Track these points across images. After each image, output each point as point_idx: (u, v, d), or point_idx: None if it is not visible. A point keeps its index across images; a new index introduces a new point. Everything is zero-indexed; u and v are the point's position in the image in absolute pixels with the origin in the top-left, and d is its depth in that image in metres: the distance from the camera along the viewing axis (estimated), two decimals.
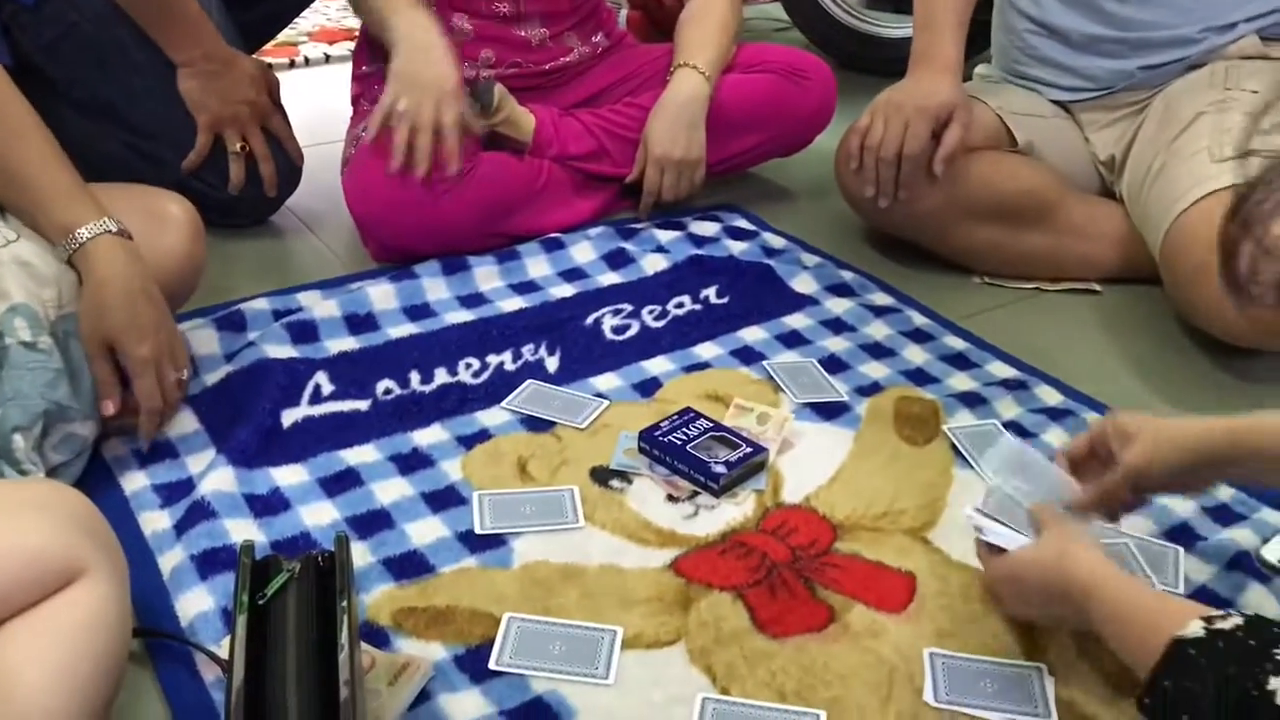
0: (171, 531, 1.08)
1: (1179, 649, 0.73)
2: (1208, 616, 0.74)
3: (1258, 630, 0.71)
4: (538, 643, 0.97)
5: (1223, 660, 0.69)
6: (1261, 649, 0.69)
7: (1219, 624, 0.73)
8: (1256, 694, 0.66)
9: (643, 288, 1.55)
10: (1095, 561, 0.87)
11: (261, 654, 0.79)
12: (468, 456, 1.21)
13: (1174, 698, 0.71)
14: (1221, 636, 0.72)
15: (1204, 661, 0.70)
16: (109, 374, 1.12)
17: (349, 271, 1.59)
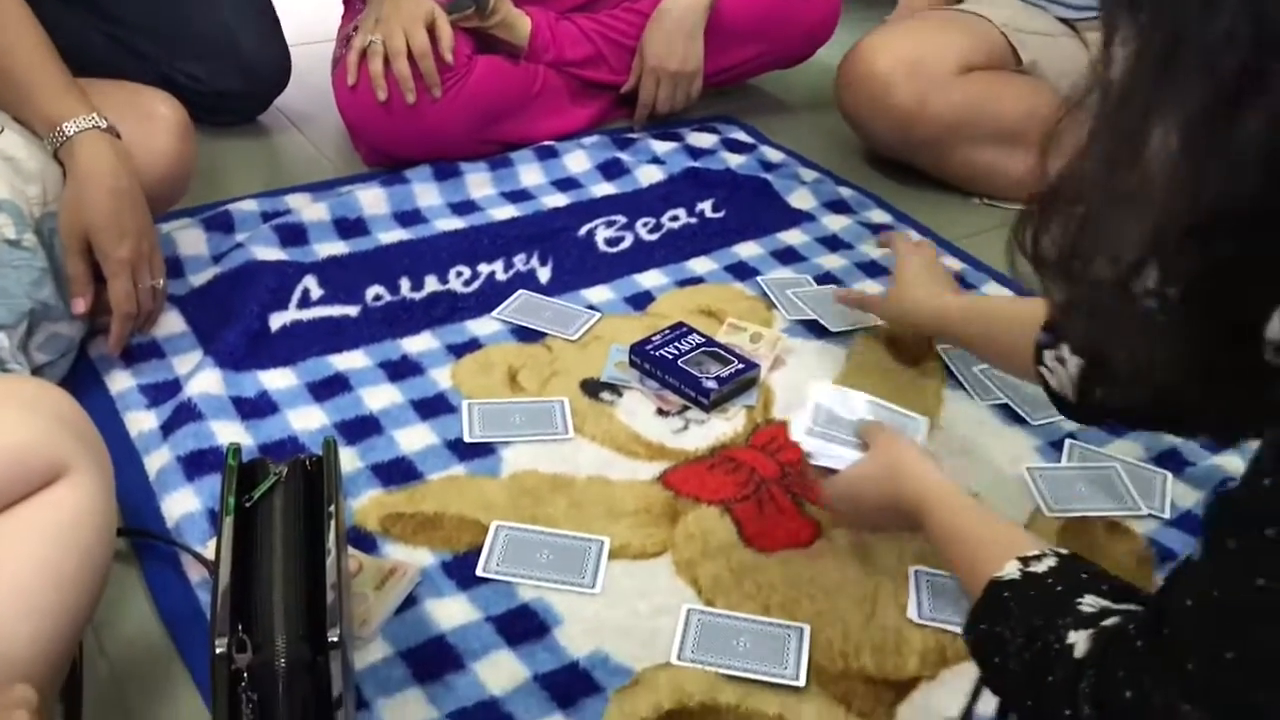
0: (158, 432, 1.08)
1: (995, 591, 0.73)
2: (1024, 557, 0.73)
3: (1067, 575, 0.71)
4: (525, 551, 0.98)
5: (1032, 609, 0.69)
6: (1067, 597, 0.69)
7: (1034, 566, 0.73)
8: (1057, 647, 0.65)
9: (637, 199, 1.53)
10: (924, 475, 0.88)
11: (248, 556, 0.79)
12: (457, 365, 1.20)
13: (988, 640, 0.71)
14: (1034, 581, 0.71)
15: (1014, 608, 0.70)
16: (83, 271, 1.10)
17: (339, 174, 1.56)
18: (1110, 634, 0.64)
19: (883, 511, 0.92)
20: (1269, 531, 0.53)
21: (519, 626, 0.91)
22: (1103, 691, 0.62)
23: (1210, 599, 0.56)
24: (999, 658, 0.70)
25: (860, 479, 0.94)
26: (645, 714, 0.85)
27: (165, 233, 1.32)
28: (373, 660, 0.87)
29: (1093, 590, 0.69)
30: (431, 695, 0.85)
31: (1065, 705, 0.63)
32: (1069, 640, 0.65)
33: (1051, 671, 0.65)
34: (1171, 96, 0.52)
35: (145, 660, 0.89)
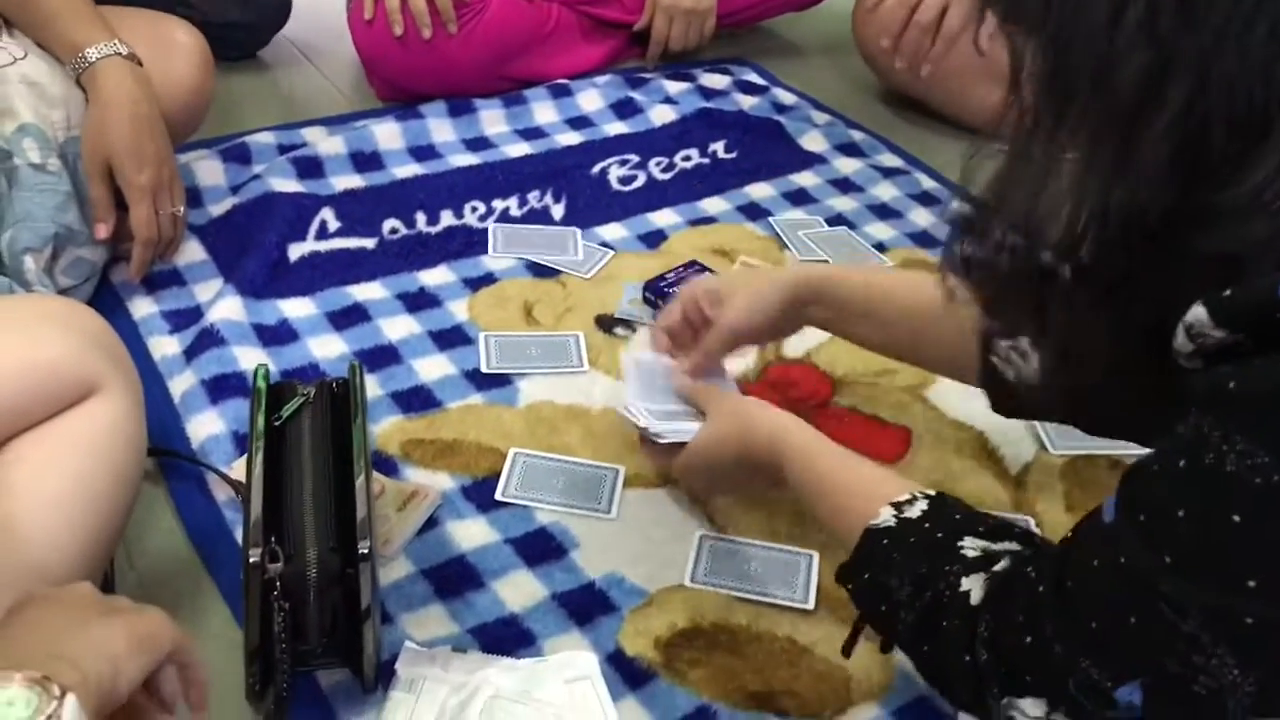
0: (181, 357, 1.10)
1: (872, 540, 0.72)
2: (896, 503, 0.73)
3: (942, 518, 0.71)
4: (542, 477, 1.00)
5: (915, 556, 0.70)
6: (948, 541, 0.69)
7: (907, 511, 0.72)
8: (949, 594, 0.66)
9: (650, 139, 1.54)
10: (777, 425, 0.85)
11: (278, 472, 0.81)
12: (474, 298, 1.22)
13: (872, 588, 0.72)
14: (910, 527, 0.72)
15: (897, 557, 0.70)
16: (106, 196, 1.12)
17: (353, 109, 1.57)
18: (1004, 578, 0.65)
19: (741, 470, 0.88)
20: (1179, 513, 0.54)
21: (537, 548, 0.94)
22: (1001, 635, 0.63)
23: (1117, 566, 0.56)
24: (885, 605, 0.71)
25: (712, 444, 0.89)
26: (659, 632, 0.87)
27: (183, 163, 1.33)
28: (396, 577, 0.90)
29: (970, 532, 0.70)
30: (453, 611, 0.88)
31: (963, 651, 0.65)
32: (962, 587, 0.66)
33: (946, 617, 0.66)
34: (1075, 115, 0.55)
35: (173, 575, 0.91)
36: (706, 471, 0.91)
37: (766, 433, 0.85)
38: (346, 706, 0.80)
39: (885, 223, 1.41)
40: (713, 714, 0.82)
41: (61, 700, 0.49)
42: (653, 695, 0.83)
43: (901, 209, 1.44)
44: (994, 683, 0.64)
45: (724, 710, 0.82)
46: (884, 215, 1.43)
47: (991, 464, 1.06)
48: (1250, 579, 0.52)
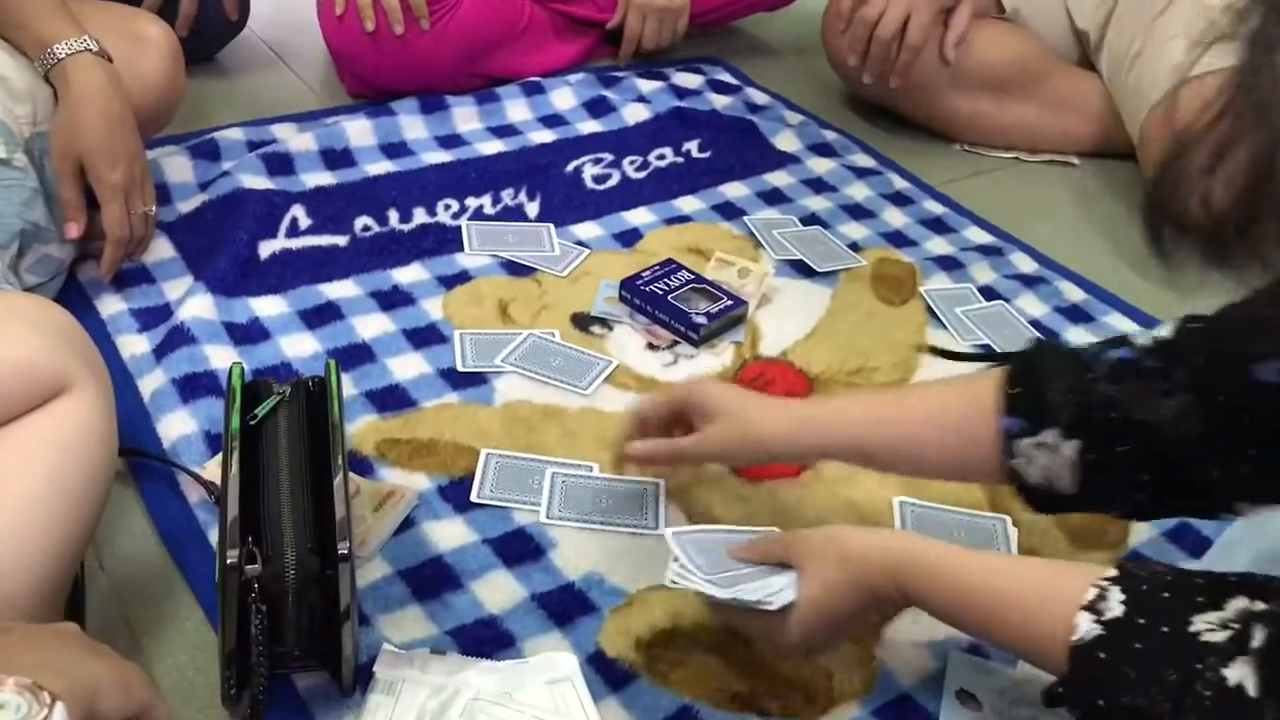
0: (150, 355, 1.08)
1: (1086, 659, 0.64)
2: (1088, 606, 0.65)
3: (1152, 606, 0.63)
4: (518, 477, 0.99)
5: (1153, 665, 0.61)
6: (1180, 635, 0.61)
7: (1106, 611, 0.64)
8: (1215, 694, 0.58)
9: (624, 137, 1.53)
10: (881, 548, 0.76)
11: (253, 474, 0.80)
12: (448, 296, 1.21)
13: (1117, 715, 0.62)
14: (1126, 632, 0.63)
15: (1131, 673, 0.62)
16: (76, 195, 1.10)
17: (323, 105, 1.55)
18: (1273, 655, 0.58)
19: (862, 613, 0.79)
20: None
21: (515, 549, 0.93)
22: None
23: None
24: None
25: (826, 595, 0.77)
26: (640, 633, 0.87)
27: (151, 159, 1.30)
28: (373, 579, 0.89)
29: (1192, 609, 0.62)
30: (431, 613, 0.87)
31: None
32: (1229, 681, 0.58)
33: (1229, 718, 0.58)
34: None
35: (146, 578, 0.90)
36: (828, 628, 0.79)
37: (878, 562, 0.76)
38: (324, 709, 0.79)
39: (858, 222, 1.42)
40: (695, 715, 0.82)
41: (52, 707, 0.48)
42: (634, 696, 0.82)
43: (874, 209, 1.45)
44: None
45: (706, 711, 0.82)
46: (857, 215, 1.43)
47: None
48: None
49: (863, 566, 0.76)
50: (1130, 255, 1.43)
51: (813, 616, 0.78)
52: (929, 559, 0.75)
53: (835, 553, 0.78)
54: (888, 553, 0.76)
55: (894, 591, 0.76)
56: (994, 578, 0.72)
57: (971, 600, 0.72)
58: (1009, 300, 1.29)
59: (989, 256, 1.37)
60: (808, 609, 0.78)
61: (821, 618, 0.78)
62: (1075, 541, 1.00)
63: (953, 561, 0.74)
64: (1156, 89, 1.43)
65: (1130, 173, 1.57)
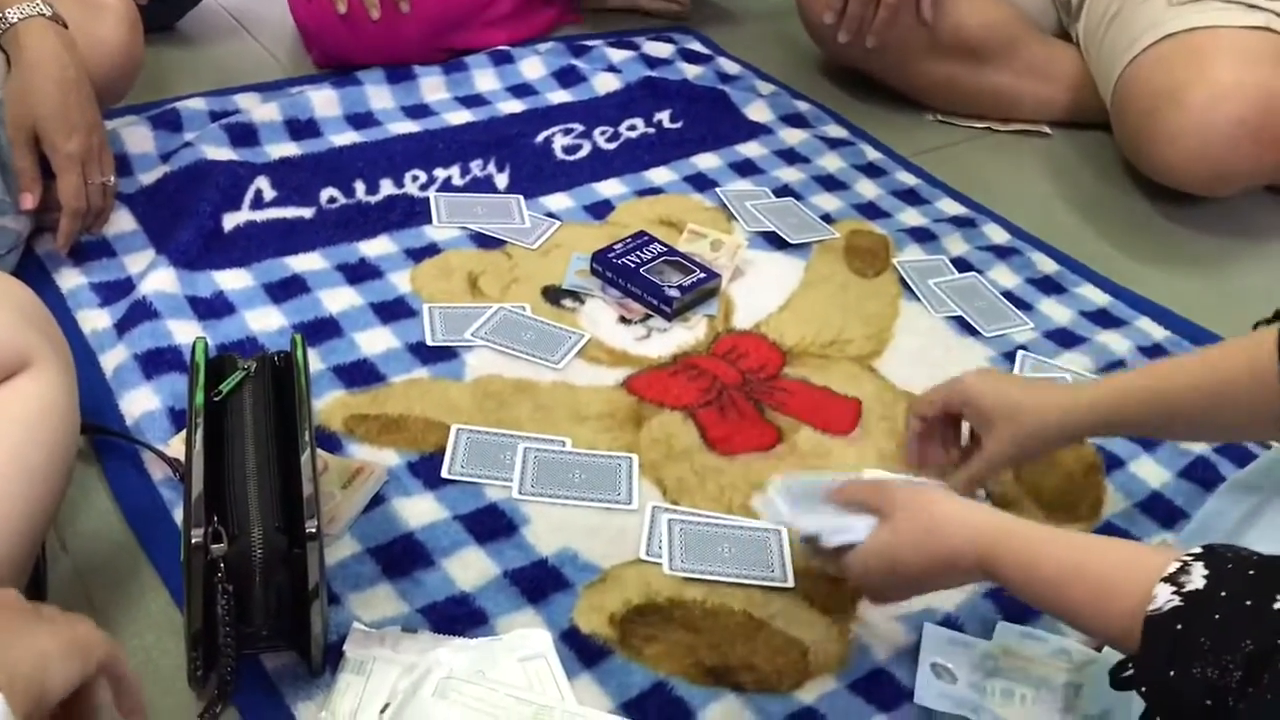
0: (112, 330, 1.05)
1: (1161, 629, 0.61)
2: (1170, 577, 0.62)
3: (1233, 581, 0.60)
4: (489, 453, 0.98)
5: (1230, 636, 0.58)
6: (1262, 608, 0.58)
7: (1187, 584, 0.61)
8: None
9: (594, 108, 1.51)
10: (971, 522, 0.75)
11: (218, 451, 0.78)
12: (416, 270, 1.19)
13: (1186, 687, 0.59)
14: (1204, 603, 0.60)
15: (1206, 642, 0.59)
16: (31, 165, 1.07)
17: (288, 75, 1.52)
18: None
19: (931, 575, 0.78)
20: None
21: (487, 525, 0.92)
22: None
23: None
24: (1211, 699, 0.58)
25: (894, 548, 0.78)
26: (614, 608, 0.86)
27: (111, 129, 1.28)
28: (342, 556, 0.87)
29: (1277, 587, 0.59)
30: (402, 590, 0.86)
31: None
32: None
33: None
34: None
35: (109, 557, 0.88)
36: (890, 576, 0.79)
37: (961, 534, 0.75)
38: (293, 690, 0.78)
39: (831, 194, 1.41)
40: (669, 690, 0.81)
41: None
42: (608, 672, 0.82)
43: (847, 180, 1.44)
44: None
45: (681, 686, 0.81)
46: (830, 186, 1.42)
47: None
48: None
49: (945, 537, 0.76)
50: (1103, 225, 1.43)
51: (873, 560, 0.79)
52: (1016, 539, 0.73)
53: (922, 514, 0.78)
54: (979, 530, 0.75)
55: (974, 565, 0.75)
56: (1078, 554, 0.70)
57: (1057, 580, 0.70)
58: (982, 272, 1.29)
59: (961, 228, 1.36)
60: (869, 552, 0.79)
61: (882, 564, 0.79)
62: (1049, 513, 1.00)
63: (1039, 542, 0.72)
64: (1133, 44, 1.43)
65: (1103, 141, 1.56)
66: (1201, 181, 1.39)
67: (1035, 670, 0.85)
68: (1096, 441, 1.06)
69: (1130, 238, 1.41)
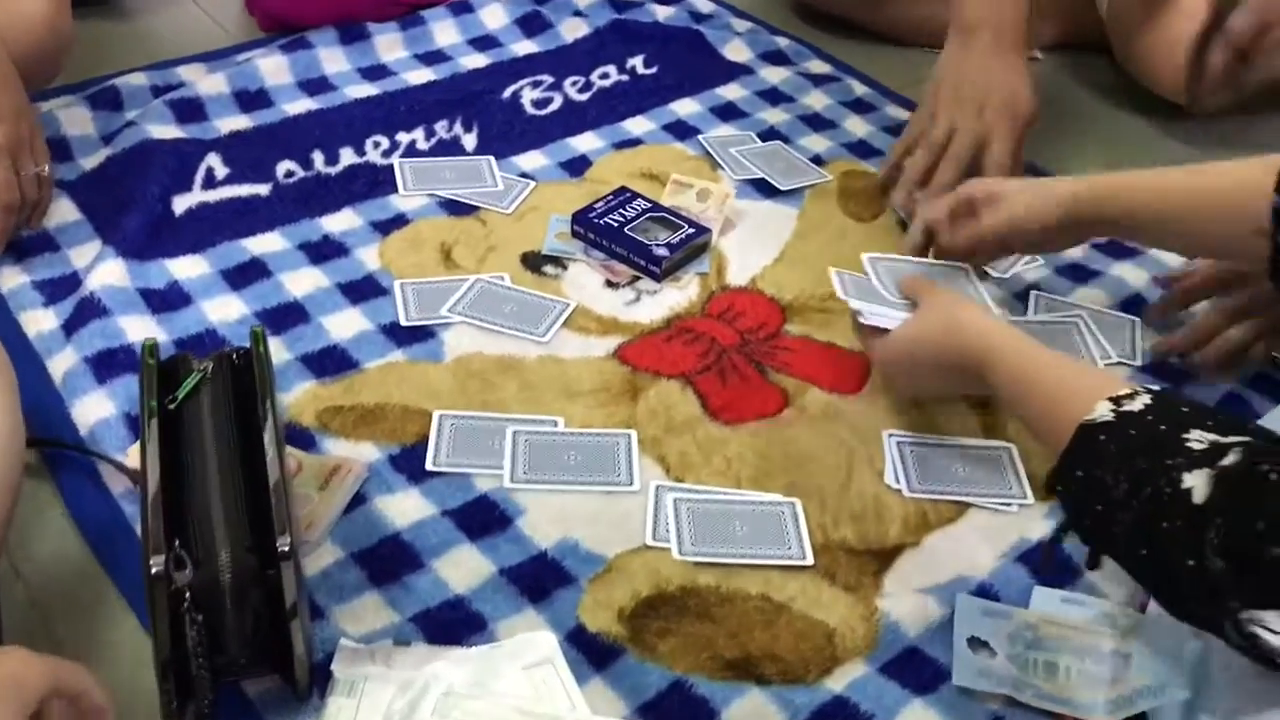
0: (59, 332, 0.98)
1: (1087, 435, 0.67)
2: (1115, 397, 0.67)
3: (1166, 412, 0.66)
4: (476, 439, 0.91)
5: (1133, 450, 0.64)
6: (1172, 433, 0.63)
7: (1126, 405, 0.67)
8: (1170, 492, 0.60)
9: (563, 57, 1.43)
10: (985, 325, 0.83)
11: (177, 463, 0.71)
12: (385, 243, 1.11)
13: (1085, 487, 0.66)
14: (1131, 421, 0.66)
15: (1114, 449, 0.65)
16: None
17: (234, 43, 1.43)
18: (1236, 475, 0.58)
19: (941, 371, 0.86)
20: None
21: (479, 519, 0.85)
22: (1236, 541, 0.56)
23: None
24: (1101, 505, 0.64)
25: (917, 338, 0.87)
26: (623, 603, 0.80)
27: (45, 111, 1.19)
28: (324, 565, 0.80)
29: (1197, 424, 0.63)
30: (391, 598, 0.79)
31: (1187, 555, 0.58)
32: (1184, 484, 0.59)
33: (1166, 518, 0.59)
34: None
35: (69, 583, 0.81)
36: (907, 362, 0.89)
37: (974, 331, 0.82)
38: (279, 717, 0.71)
39: (820, 134, 1.33)
40: (688, 688, 0.75)
41: None
42: (621, 674, 0.75)
43: (835, 118, 1.36)
44: (1230, 594, 0.57)
45: (700, 683, 0.75)
46: (817, 126, 1.34)
47: None
48: None
49: (959, 335, 0.83)
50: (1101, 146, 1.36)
51: (897, 346, 0.89)
52: (1012, 351, 0.79)
53: (947, 313, 0.85)
54: (985, 336, 0.81)
55: (976, 369, 0.81)
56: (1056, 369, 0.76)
57: (1031, 385, 0.76)
58: None
59: None
60: (895, 338, 0.89)
61: (903, 351, 0.89)
62: None
63: (1029, 347, 0.79)
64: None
65: (1097, 63, 1.49)
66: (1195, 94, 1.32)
67: (1078, 639, 0.78)
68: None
69: (1130, 158, 1.34)
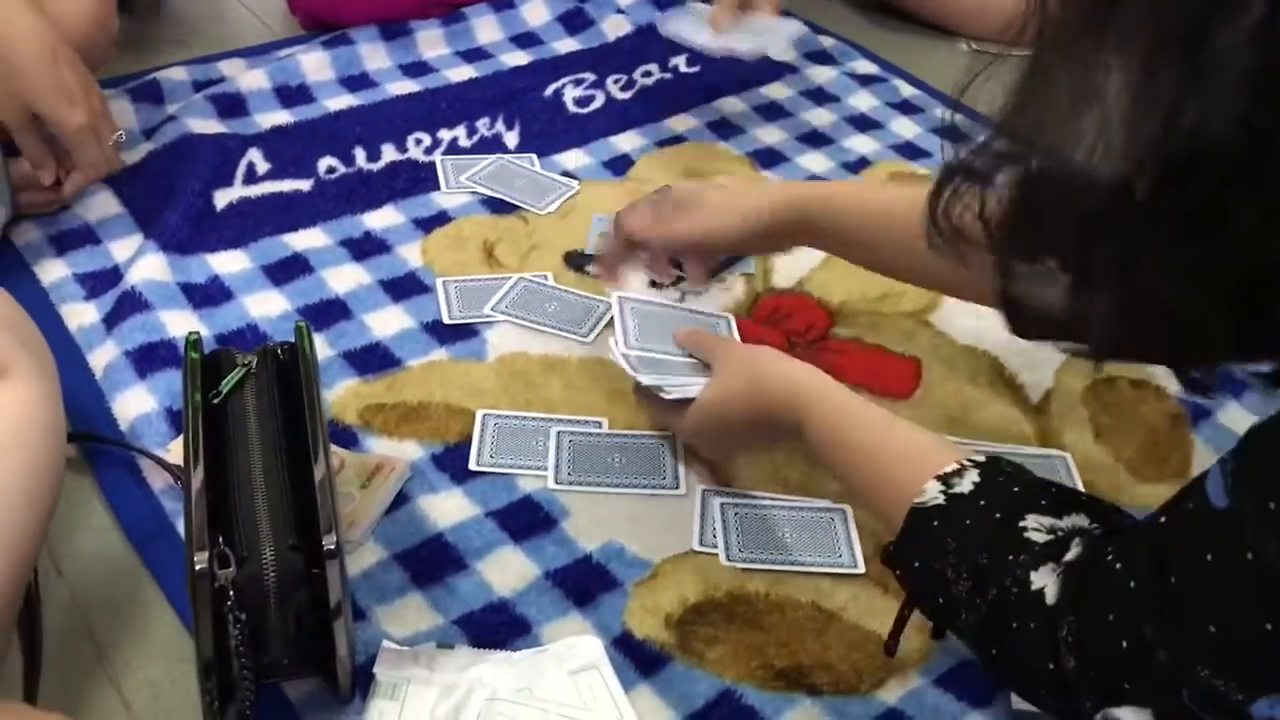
0: (100, 326, 0.97)
1: (921, 521, 0.64)
2: (943, 475, 0.64)
3: (996, 493, 0.63)
4: (520, 439, 0.89)
5: (972, 543, 0.61)
6: (1008, 523, 0.60)
7: (955, 485, 0.64)
8: (1017, 591, 0.58)
9: (605, 54, 1.41)
10: (792, 374, 0.76)
11: (222, 459, 0.70)
12: (427, 240, 1.10)
13: (925, 578, 0.64)
14: (962, 506, 0.63)
15: (951, 543, 0.62)
16: (38, 145, 1.00)
17: (274, 38, 1.42)
18: (1083, 569, 0.56)
19: (756, 427, 0.78)
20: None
21: (523, 520, 0.83)
22: (1089, 639, 0.54)
23: (1242, 563, 0.46)
24: (943, 598, 0.63)
25: (722, 401, 0.79)
26: (670, 608, 0.78)
27: None
28: (366, 565, 0.79)
29: (1031, 508, 0.61)
30: (434, 600, 0.77)
31: (1045, 659, 0.56)
32: (1034, 584, 0.57)
33: (1017, 619, 0.58)
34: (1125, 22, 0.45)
35: (109, 579, 0.79)
36: (719, 432, 0.81)
37: (783, 389, 0.76)
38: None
39: (866, 135, 1.31)
40: (738, 698, 0.73)
41: None
42: (669, 681, 0.74)
43: (882, 119, 1.34)
44: (1086, 693, 0.55)
45: (750, 692, 0.73)
46: (864, 127, 1.32)
47: (1010, 392, 0.97)
48: None
49: (767, 391, 0.77)
50: None
51: (705, 416, 0.80)
52: (828, 405, 0.74)
53: (748, 368, 0.78)
54: (794, 385, 0.75)
55: (792, 423, 0.75)
56: (875, 435, 0.71)
57: (852, 454, 0.72)
58: None
59: None
60: (702, 407, 0.80)
61: (713, 419, 0.80)
62: (1135, 474, 0.91)
63: (842, 404, 0.74)
64: None
65: None
66: None
67: None
68: (1180, 396, 0.97)
69: None
